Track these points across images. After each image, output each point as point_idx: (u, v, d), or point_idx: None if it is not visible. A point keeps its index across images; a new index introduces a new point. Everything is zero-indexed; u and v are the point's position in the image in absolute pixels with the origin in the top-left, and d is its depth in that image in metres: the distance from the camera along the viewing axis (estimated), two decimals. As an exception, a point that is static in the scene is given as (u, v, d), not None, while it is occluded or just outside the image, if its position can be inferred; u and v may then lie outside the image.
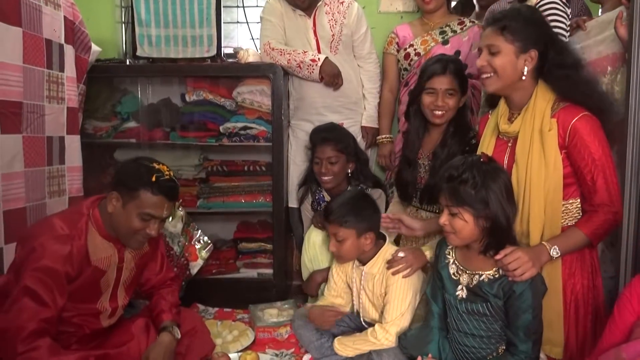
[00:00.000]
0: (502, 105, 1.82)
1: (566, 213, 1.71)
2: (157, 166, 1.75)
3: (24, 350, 1.50)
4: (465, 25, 2.69)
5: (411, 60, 2.69)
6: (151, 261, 2.01)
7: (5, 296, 1.66)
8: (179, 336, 1.88)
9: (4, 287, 1.69)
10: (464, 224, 1.59)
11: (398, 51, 2.76)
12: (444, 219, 1.62)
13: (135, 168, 1.75)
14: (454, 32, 2.69)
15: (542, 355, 1.68)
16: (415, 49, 2.70)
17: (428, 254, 1.94)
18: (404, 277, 1.91)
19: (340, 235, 1.94)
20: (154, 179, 1.70)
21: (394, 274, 1.92)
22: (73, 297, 1.68)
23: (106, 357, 1.70)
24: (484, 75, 1.75)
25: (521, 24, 1.68)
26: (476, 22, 2.73)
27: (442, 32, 2.70)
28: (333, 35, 2.69)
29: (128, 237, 1.75)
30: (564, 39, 1.97)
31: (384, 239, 2.04)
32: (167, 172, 1.75)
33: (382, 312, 1.99)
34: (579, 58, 1.75)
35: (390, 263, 1.94)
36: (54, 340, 1.60)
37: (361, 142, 2.80)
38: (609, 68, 1.95)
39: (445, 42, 2.68)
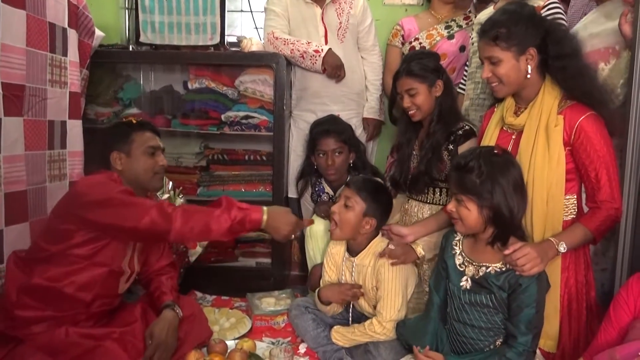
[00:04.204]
0: (508, 99, 1.82)
1: (563, 209, 1.72)
2: (125, 118, 2.03)
3: (172, 210, 1.67)
4: (471, 20, 2.69)
5: None
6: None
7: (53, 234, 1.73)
8: (182, 315, 1.90)
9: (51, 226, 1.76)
10: (467, 213, 1.61)
11: (403, 44, 2.76)
12: (451, 206, 1.66)
13: (116, 126, 2.03)
14: (460, 26, 2.69)
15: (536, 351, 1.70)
16: (420, 43, 2.70)
17: (419, 250, 1.96)
18: (392, 265, 1.93)
19: (351, 201, 1.95)
20: (134, 121, 1.97)
21: (380, 256, 1.94)
22: (109, 249, 1.75)
23: (111, 335, 1.73)
24: (492, 84, 1.76)
25: (512, 28, 1.67)
26: None
27: (448, 27, 2.70)
28: (340, 23, 2.69)
29: (148, 178, 1.89)
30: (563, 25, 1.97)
31: (377, 233, 2.04)
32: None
33: (374, 307, 2.00)
34: (577, 47, 1.74)
35: (381, 255, 1.95)
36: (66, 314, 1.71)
37: (363, 134, 2.81)
38: (601, 63, 1.94)
39: (450, 37, 2.68)
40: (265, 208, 1.77)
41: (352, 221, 1.96)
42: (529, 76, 1.70)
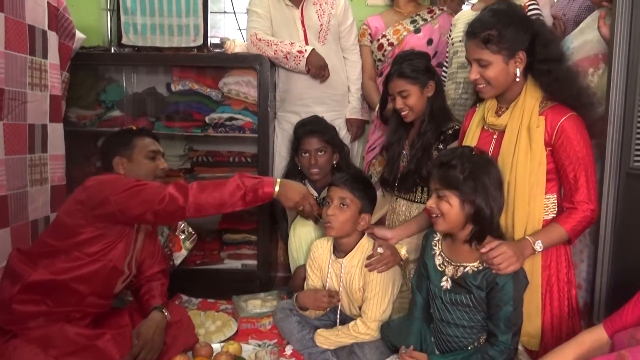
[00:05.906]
0: (490, 99, 1.83)
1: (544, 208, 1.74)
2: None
3: (187, 184, 1.76)
4: (435, 14, 2.74)
5: (385, 50, 2.71)
6: (150, 248, 2.08)
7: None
8: (169, 318, 1.92)
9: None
10: (449, 208, 1.62)
11: (371, 42, 2.78)
12: (431, 202, 1.67)
13: (118, 134, 2.11)
14: (425, 20, 2.72)
15: (519, 348, 1.71)
16: (388, 39, 2.72)
17: (403, 252, 1.98)
18: (379, 272, 1.93)
19: (347, 201, 1.94)
20: (135, 128, 2.12)
21: (370, 270, 1.94)
22: (115, 247, 1.82)
23: (103, 335, 1.75)
24: (479, 86, 1.75)
25: (502, 31, 1.66)
26: (445, 9, 2.77)
27: (413, 21, 2.73)
28: (321, 25, 2.69)
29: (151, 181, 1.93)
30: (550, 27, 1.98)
31: (363, 233, 2.05)
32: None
33: (359, 308, 2.00)
34: (563, 52, 1.75)
35: (369, 259, 1.95)
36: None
37: (347, 135, 2.81)
38: (590, 69, 1.95)
39: (417, 31, 2.70)
40: (278, 179, 1.86)
41: (350, 221, 1.96)
42: (518, 79, 1.71)
